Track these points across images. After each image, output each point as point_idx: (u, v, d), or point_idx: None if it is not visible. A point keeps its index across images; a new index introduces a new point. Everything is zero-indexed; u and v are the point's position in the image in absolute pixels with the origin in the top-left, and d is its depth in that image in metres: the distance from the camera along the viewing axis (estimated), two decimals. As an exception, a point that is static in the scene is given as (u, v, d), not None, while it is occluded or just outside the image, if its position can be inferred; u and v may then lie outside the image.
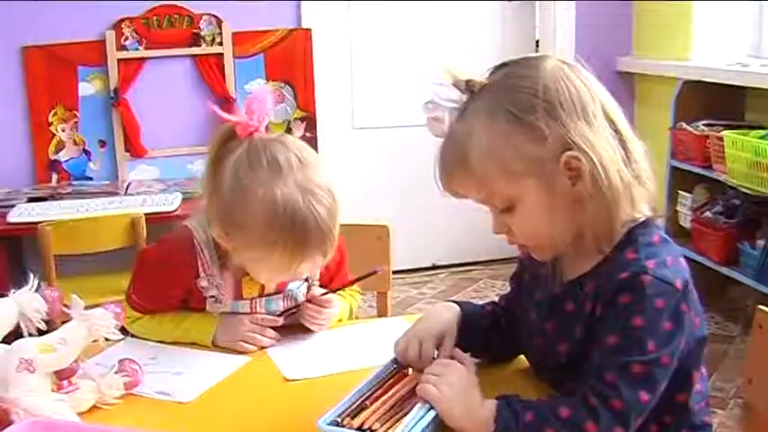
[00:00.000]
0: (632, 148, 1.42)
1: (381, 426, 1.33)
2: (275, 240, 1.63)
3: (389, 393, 1.43)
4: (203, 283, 1.81)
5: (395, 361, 1.54)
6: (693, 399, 1.48)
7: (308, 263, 1.70)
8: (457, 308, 1.65)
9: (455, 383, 1.39)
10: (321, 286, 1.93)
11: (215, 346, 1.81)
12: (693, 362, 1.45)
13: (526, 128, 1.37)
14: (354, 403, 1.39)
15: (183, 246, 1.80)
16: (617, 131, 1.41)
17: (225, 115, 1.70)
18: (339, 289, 1.93)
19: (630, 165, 1.41)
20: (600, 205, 1.38)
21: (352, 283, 1.92)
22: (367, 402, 1.40)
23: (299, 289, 1.89)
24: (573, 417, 1.33)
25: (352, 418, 1.35)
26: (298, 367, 1.71)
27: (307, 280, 1.90)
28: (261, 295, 1.86)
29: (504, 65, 1.46)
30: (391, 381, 1.48)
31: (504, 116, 1.38)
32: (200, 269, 1.80)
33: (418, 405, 1.37)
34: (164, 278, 1.83)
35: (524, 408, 1.35)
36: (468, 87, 1.45)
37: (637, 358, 1.33)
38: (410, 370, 1.53)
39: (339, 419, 1.35)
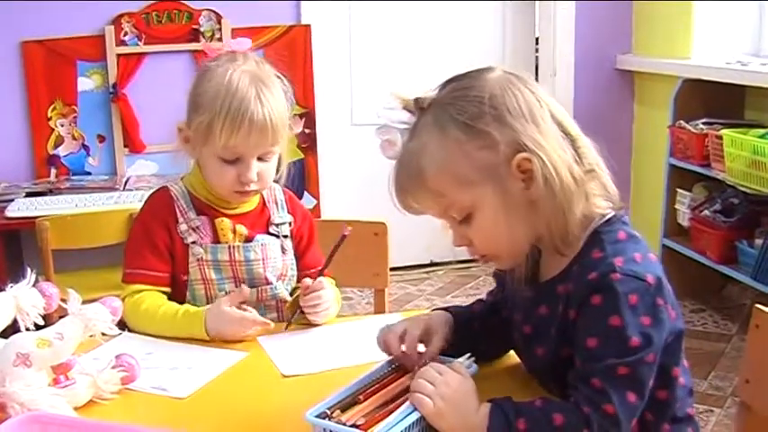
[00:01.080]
0: (582, 145, 1.44)
1: (366, 421, 1.33)
2: (218, 111, 1.84)
3: (381, 392, 1.43)
4: (183, 227, 1.95)
5: (390, 362, 1.54)
6: (676, 393, 1.48)
7: (248, 148, 1.88)
8: (448, 314, 1.65)
9: (449, 396, 1.35)
10: (295, 256, 2.05)
11: (210, 337, 1.82)
12: (672, 357, 1.45)
13: (476, 135, 1.39)
14: (344, 399, 1.40)
15: (161, 197, 1.99)
16: (566, 133, 1.43)
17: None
18: (322, 271, 1.95)
19: (582, 162, 1.43)
20: (554, 205, 1.40)
21: (331, 256, 1.94)
22: (360, 397, 1.40)
23: (273, 244, 1.99)
24: (566, 424, 1.32)
25: (342, 412, 1.36)
26: (294, 363, 1.71)
27: (277, 237, 2.02)
28: (237, 241, 1.97)
29: (450, 80, 1.49)
30: (385, 380, 1.48)
31: (454, 126, 1.40)
32: (179, 215, 1.96)
33: (405, 404, 1.36)
34: (148, 225, 1.96)
35: (517, 414, 1.33)
36: (418, 105, 1.47)
37: (620, 360, 1.33)
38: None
39: (328, 411, 1.35)
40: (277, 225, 2.04)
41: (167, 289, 1.95)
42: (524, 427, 1.32)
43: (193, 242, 1.94)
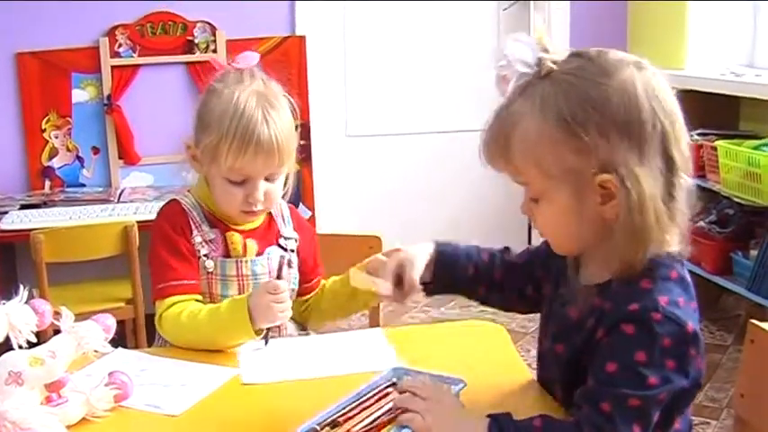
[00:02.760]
0: (678, 185, 1.37)
1: None
2: (225, 132, 1.83)
3: (371, 409, 1.42)
4: (197, 239, 1.94)
5: (382, 378, 1.53)
6: None
7: (255, 170, 1.87)
8: (431, 247, 1.68)
9: (439, 412, 1.36)
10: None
11: (255, 328, 1.80)
12: (680, 404, 1.41)
13: (573, 138, 1.34)
14: (334, 415, 1.39)
15: (174, 209, 1.98)
16: (669, 163, 1.36)
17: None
18: None
19: (670, 203, 1.36)
20: (627, 235, 1.34)
21: None
22: (350, 414, 1.40)
23: (278, 255, 1.97)
24: None
25: (332, 429, 1.36)
26: (257, 372, 1.72)
27: (285, 249, 2.01)
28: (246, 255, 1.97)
29: (580, 55, 1.40)
30: (375, 397, 1.47)
31: (556, 119, 1.35)
32: (193, 227, 1.95)
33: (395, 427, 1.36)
34: (169, 236, 1.93)
35: (516, 430, 1.33)
36: (539, 65, 1.39)
37: (635, 392, 1.30)
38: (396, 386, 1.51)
39: (318, 427, 1.35)
40: (285, 239, 2.04)
41: (201, 297, 1.93)
42: None
43: (205, 255, 1.94)
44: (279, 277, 1.84)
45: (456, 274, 1.69)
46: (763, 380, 1.60)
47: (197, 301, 1.92)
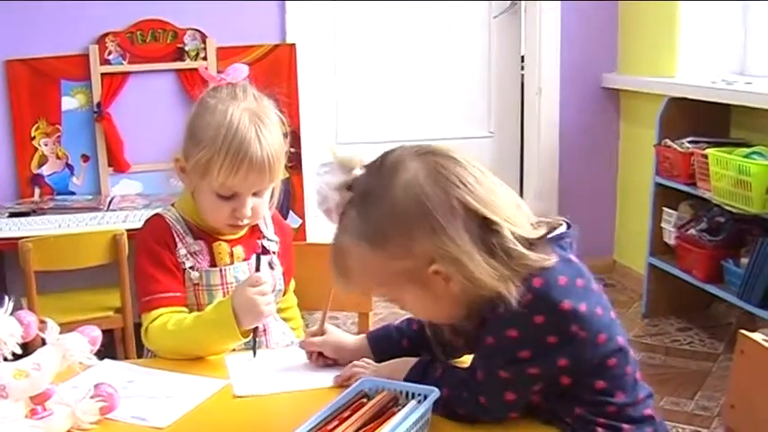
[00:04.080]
0: (499, 236, 1.43)
1: None
2: (218, 149, 1.84)
3: (349, 421, 1.41)
4: (182, 251, 1.95)
5: (353, 390, 1.52)
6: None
7: (245, 187, 1.89)
8: (365, 343, 1.77)
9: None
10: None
11: (241, 329, 1.81)
12: (599, 373, 1.47)
13: (388, 250, 1.44)
14: (313, 428, 1.38)
15: (157, 223, 1.99)
16: (483, 222, 1.42)
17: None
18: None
19: (499, 253, 1.42)
20: (479, 297, 1.43)
21: (324, 315, 1.93)
22: (329, 427, 1.39)
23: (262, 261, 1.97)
24: (450, 396, 1.48)
25: None
26: (248, 384, 1.71)
27: (267, 252, 2.04)
28: (234, 263, 1.99)
29: (368, 169, 1.50)
30: (350, 409, 1.46)
31: (366, 241, 1.46)
32: (177, 240, 1.96)
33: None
34: (153, 249, 1.94)
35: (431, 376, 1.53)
36: (345, 186, 1.50)
37: (505, 366, 1.44)
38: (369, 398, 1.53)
39: None
40: (268, 240, 2.06)
41: (186, 309, 1.94)
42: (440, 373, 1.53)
43: (191, 267, 1.95)
44: (257, 270, 1.87)
45: (394, 352, 1.71)
46: (753, 391, 1.60)
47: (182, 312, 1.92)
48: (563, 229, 1.52)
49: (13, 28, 4.11)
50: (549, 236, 1.49)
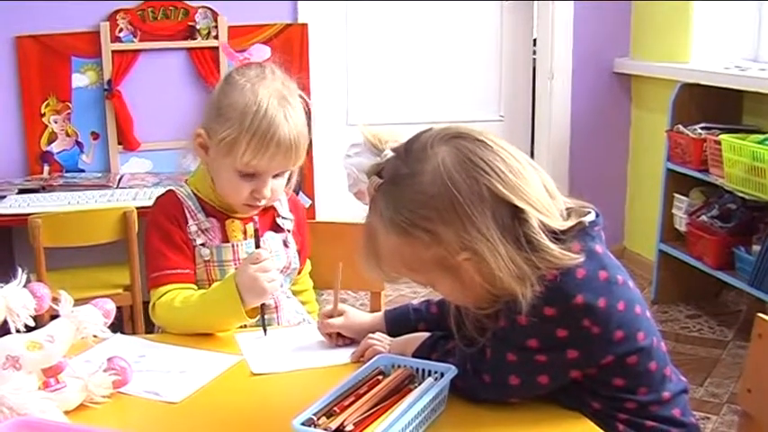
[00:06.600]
0: (529, 226, 1.41)
1: (356, 427, 1.33)
2: (246, 129, 1.84)
3: (365, 398, 1.41)
4: (192, 228, 1.95)
5: (369, 367, 1.52)
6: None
7: (269, 167, 1.89)
8: (382, 320, 1.78)
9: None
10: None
11: (246, 306, 1.81)
12: (617, 371, 1.46)
13: (416, 238, 1.43)
14: (329, 404, 1.38)
15: (169, 199, 1.99)
16: (512, 210, 1.41)
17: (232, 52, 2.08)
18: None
19: (525, 245, 1.40)
20: (504, 287, 1.41)
21: (336, 295, 1.92)
22: (345, 403, 1.39)
23: (275, 239, 2.02)
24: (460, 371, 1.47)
25: (328, 418, 1.35)
26: (264, 362, 1.70)
27: (282, 230, 2.05)
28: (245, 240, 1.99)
29: (396, 153, 1.50)
30: (367, 386, 1.46)
31: (394, 229, 1.45)
32: (188, 216, 1.96)
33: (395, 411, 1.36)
34: (164, 226, 1.94)
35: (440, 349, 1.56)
36: (376, 170, 1.50)
37: (514, 350, 1.44)
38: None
39: (315, 417, 1.34)
40: (283, 218, 2.06)
41: (195, 286, 1.94)
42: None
43: (202, 244, 1.95)
44: (257, 247, 1.86)
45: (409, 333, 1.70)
46: (770, 375, 1.59)
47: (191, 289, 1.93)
48: (591, 217, 1.49)
49: (24, 4, 4.09)
50: (579, 228, 1.45)
